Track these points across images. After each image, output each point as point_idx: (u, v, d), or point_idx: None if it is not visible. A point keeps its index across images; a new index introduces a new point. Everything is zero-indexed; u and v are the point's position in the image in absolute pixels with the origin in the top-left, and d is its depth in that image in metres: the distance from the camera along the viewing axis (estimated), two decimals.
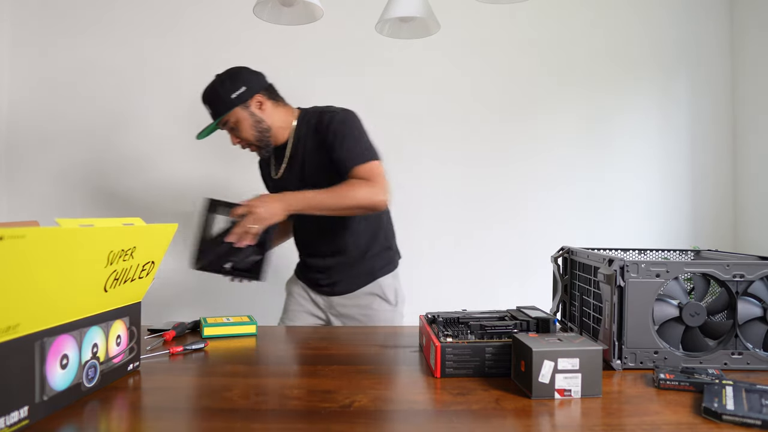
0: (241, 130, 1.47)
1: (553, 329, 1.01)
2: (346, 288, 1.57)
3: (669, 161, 2.38)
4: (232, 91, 1.44)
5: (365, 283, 1.57)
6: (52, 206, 2.32)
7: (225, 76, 1.47)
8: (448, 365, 0.95)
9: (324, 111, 1.49)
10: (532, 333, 0.98)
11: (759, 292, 1.00)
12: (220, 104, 1.44)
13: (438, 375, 0.95)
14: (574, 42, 2.36)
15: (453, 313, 1.13)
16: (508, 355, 0.94)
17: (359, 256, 1.56)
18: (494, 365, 0.95)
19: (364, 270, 1.57)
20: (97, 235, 0.79)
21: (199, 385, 0.92)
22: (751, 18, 2.27)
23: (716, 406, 0.75)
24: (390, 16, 1.51)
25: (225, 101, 1.44)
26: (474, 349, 0.95)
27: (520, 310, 1.12)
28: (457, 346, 0.95)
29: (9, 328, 0.69)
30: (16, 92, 2.32)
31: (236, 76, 1.46)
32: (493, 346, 0.95)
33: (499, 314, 1.13)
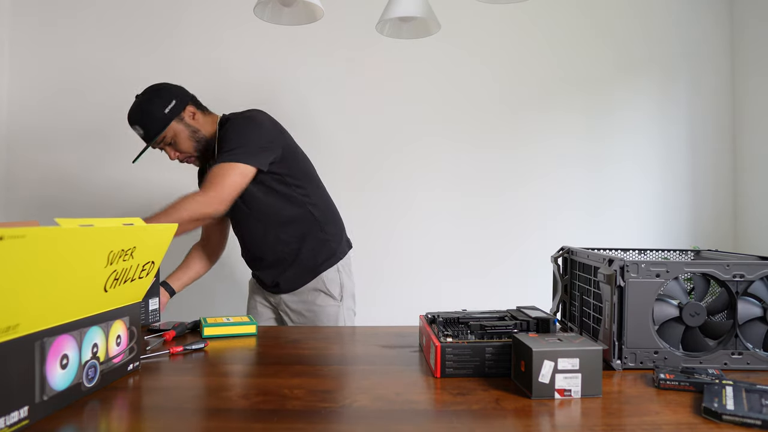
0: (180, 143, 1.47)
1: (553, 329, 1.01)
2: (290, 286, 1.58)
3: (669, 161, 2.38)
4: (163, 106, 1.42)
5: (309, 279, 1.56)
6: (52, 206, 2.32)
7: (151, 93, 1.46)
8: (448, 365, 0.95)
9: (230, 116, 1.51)
10: (532, 333, 0.98)
11: (759, 292, 1.00)
12: (154, 122, 1.42)
13: (438, 375, 0.95)
14: (574, 42, 2.36)
15: (453, 313, 1.13)
16: (509, 355, 0.94)
17: (294, 254, 1.55)
18: (494, 365, 0.95)
19: (305, 266, 1.56)
20: (97, 235, 0.79)
21: (199, 385, 0.92)
22: (751, 18, 2.27)
23: (716, 406, 0.75)
24: (390, 16, 1.51)
25: (159, 118, 1.42)
26: (474, 349, 0.95)
27: (521, 310, 1.12)
28: (457, 346, 0.95)
29: (9, 328, 0.69)
30: (16, 92, 2.32)
31: (163, 91, 1.45)
32: (493, 346, 0.95)
33: (499, 314, 1.13)
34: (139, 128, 1.43)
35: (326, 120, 2.30)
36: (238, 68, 2.31)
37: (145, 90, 1.47)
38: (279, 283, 1.57)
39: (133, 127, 1.44)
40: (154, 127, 1.42)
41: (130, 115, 1.44)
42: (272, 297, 1.63)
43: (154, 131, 1.42)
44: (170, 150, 1.48)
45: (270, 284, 1.60)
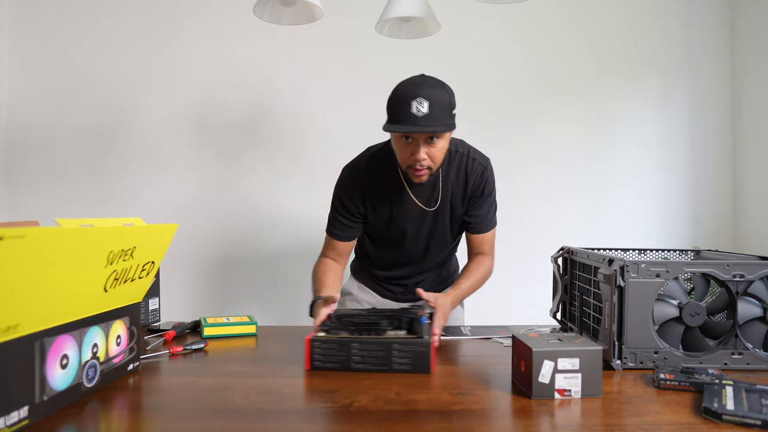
0: (439, 150, 1.24)
1: (420, 329, 1.04)
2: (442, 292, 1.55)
3: (669, 161, 2.38)
4: (455, 106, 1.26)
5: (443, 288, 1.53)
6: (52, 206, 2.32)
7: (449, 88, 1.26)
8: (316, 358, 1.00)
9: (471, 157, 1.37)
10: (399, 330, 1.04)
11: (759, 292, 1.00)
12: (448, 116, 1.21)
13: (307, 367, 1.00)
14: (573, 42, 2.36)
15: (355, 311, 1.18)
16: (375, 350, 0.99)
17: (444, 267, 1.55)
18: (361, 360, 0.99)
19: (444, 277, 1.56)
20: (97, 235, 0.79)
21: (199, 385, 0.92)
22: (751, 18, 2.27)
23: (716, 406, 0.75)
24: (390, 16, 1.51)
25: (451, 115, 1.24)
26: (340, 344, 1.00)
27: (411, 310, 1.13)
28: (325, 341, 1.00)
29: (9, 328, 0.69)
30: (16, 92, 2.32)
31: (453, 94, 1.27)
32: (360, 342, 0.99)
33: (391, 312, 1.16)
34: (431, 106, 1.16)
35: (326, 120, 2.30)
36: (238, 68, 2.31)
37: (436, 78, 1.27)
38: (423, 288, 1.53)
39: (420, 100, 1.15)
40: (444, 120, 1.20)
41: (426, 87, 1.18)
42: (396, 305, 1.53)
43: (442, 125, 1.19)
44: (423, 147, 1.20)
45: (404, 294, 1.53)
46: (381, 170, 1.35)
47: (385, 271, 1.51)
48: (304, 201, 2.30)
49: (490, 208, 1.40)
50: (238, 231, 2.33)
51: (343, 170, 1.40)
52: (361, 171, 1.36)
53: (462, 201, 1.37)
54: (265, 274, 2.34)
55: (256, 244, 2.34)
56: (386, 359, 0.98)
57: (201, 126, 2.33)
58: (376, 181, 1.35)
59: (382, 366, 0.98)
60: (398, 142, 1.24)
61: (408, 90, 1.18)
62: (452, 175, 1.35)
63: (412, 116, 1.15)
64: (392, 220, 1.37)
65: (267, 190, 2.33)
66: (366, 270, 1.56)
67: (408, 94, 1.17)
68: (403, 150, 1.23)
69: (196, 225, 2.32)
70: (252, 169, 2.34)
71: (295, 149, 2.32)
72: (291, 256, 2.31)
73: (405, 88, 1.19)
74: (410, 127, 1.16)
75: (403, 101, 1.17)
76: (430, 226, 1.38)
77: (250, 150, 2.34)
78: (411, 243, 1.41)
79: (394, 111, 1.20)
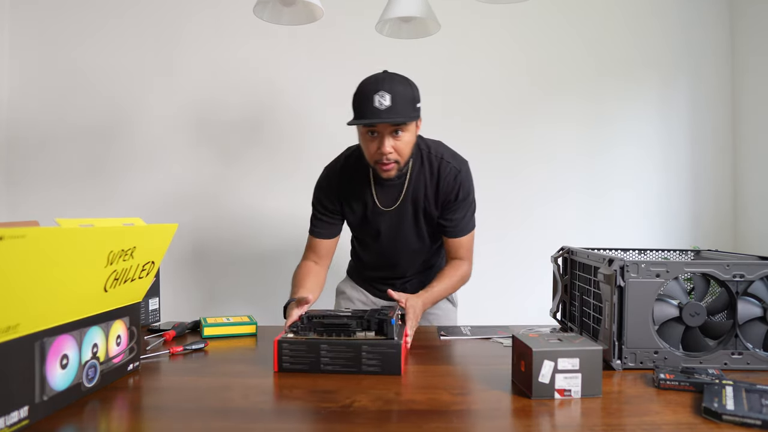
0: (405, 144, 1.25)
1: (389, 330, 1.01)
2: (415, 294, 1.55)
3: (669, 161, 2.38)
4: (418, 100, 1.27)
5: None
6: (52, 206, 2.32)
7: (412, 83, 1.27)
8: (284, 360, 0.99)
9: (445, 160, 1.37)
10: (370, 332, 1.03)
11: (759, 292, 1.00)
12: (411, 108, 1.23)
13: (276, 369, 0.98)
14: (573, 43, 2.36)
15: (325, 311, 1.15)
16: (344, 352, 0.98)
17: (432, 267, 1.56)
18: (330, 362, 0.98)
19: (434, 274, 1.54)
20: (97, 235, 0.79)
21: (199, 385, 0.92)
22: (751, 18, 2.27)
23: (716, 406, 0.75)
24: (390, 16, 1.51)
25: (415, 108, 1.25)
26: (309, 345, 0.98)
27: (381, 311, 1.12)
28: (293, 342, 0.99)
29: (9, 328, 0.69)
30: (16, 92, 2.32)
31: (417, 88, 1.28)
32: (329, 343, 0.98)
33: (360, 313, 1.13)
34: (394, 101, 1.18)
35: (326, 119, 2.30)
36: (238, 68, 2.31)
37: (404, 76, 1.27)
38: (407, 290, 1.51)
39: (382, 93, 1.17)
40: (406, 112, 1.21)
41: (388, 82, 1.20)
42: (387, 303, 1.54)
43: (404, 116, 1.20)
44: (388, 140, 1.22)
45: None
46: (354, 170, 1.37)
47: (373, 271, 1.55)
48: (304, 200, 2.27)
49: (467, 212, 1.39)
50: (239, 231, 2.34)
51: (322, 170, 1.43)
52: (337, 171, 1.39)
53: (435, 203, 1.37)
54: (265, 274, 2.34)
55: (257, 244, 2.34)
56: (355, 361, 0.98)
57: (201, 126, 2.33)
58: (350, 180, 1.37)
59: (352, 368, 0.97)
60: (364, 137, 1.26)
61: (370, 85, 1.21)
62: (425, 176, 1.36)
63: (375, 110, 1.18)
64: (366, 219, 1.40)
65: (267, 190, 2.33)
66: (358, 270, 1.60)
67: (370, 89, 1.20)
68: (369, 145, 1.25)
69: (197, 225, 2.32)
70: (252, 169, 2.34)
71: (296, 149, 2.32)
72: (291, 255, 2.30)
73: (367, 84, 1.22)
74: (373, 119, 1.18)
75: (366, 96, 1.20)
76: (398, 226, 1.39)
77: (250, 150, 2.34)
78: (386, 242, 1.43)
79: (357, 106, 1.23)
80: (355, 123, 1.22)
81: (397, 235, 1.41)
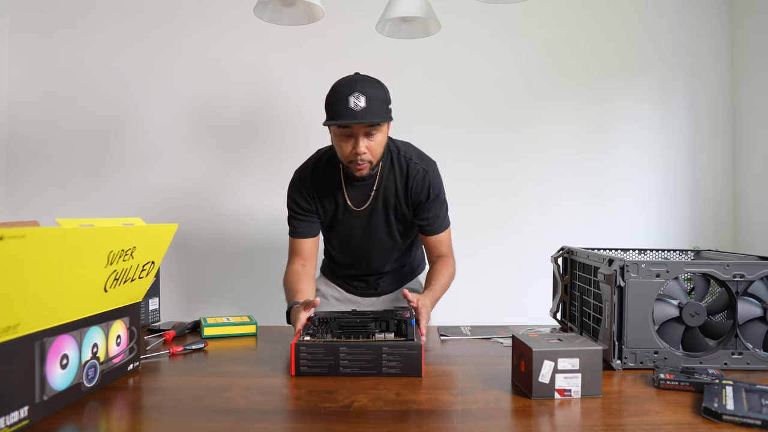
0: (378, 144, 1.29)
1: (410, 331, 1.00)
2: (388, 289, 1.59)
3: (669, 161, 2.38)
4: (390, 102, 1.30)
5: (405, 282, 1.60)
6: (52, 206, 2.32)
7: (383, 85, 1.31)
8: (302, 363, 0.96)
9: (413, 161, 1.40)
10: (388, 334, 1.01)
11: (759, 292, 1.00)
12: (384, 110, 1.26)
13: (293, 373, 0.96)
14: (573, 42, 2.36)
15: (334, 312, 1.15)
16: (363, 354, 0.96)
17: (404, 263, 1.59)
18: (349, 365, 0.96)
19: (405, 272, 1.60)
20: (97, 235, 0.79)
21: (199, 385, 0.92)
22: (750, 19, 2.27)
23: (716, 406, 0.75)
24: (390, 16, 1.51)
25: (388, 109, 1.28)
26: (328, 348, 0.96)
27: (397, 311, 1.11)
28: (311, 345, 0.96)
29: (9, 328, 0.69)
30: (16, 92, 2.32)
31: (388, 90, 1.32)
32: (348, 345, 0.96)
33: (375, 315, 1.13)
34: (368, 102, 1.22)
35: None
36: (238, 68, 2.31)
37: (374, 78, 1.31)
38: (380, 286, 1.58)
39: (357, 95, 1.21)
40: (379, 113, 1.24)
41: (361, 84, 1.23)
42: (361, 299, 1.59)
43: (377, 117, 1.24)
44: (362, 140, 1.25)
45: (368, 289, 1.59)
46: (326, 171, 1.39)
47: (346, 269, 1.57)
48: None
49: (440, 209, 1.42)
50: (239, 231, 2.34)
51: (294, 173, 1.45)
52: (309, 172, 1.41)
53: (407, 203, 1.39)
54: (265, 274, 2.34)
55: (257, 244, 2.34)
56: (376, 363, 0.96)
57: (201, 126, 2.33)
58: (321, 181, 1.39)
59: (372, 370, 0.96)
60: (338, 138, 1.28)
61: (344, 87, 1.23)
62: (394, 176, 1.38)
63: (351, 111, 1.20)
64: (336, 219, 1.42)
65: (267, 190, 2.33)
66: (331, 268, 1.62)
67: (344, 91, 1.22)
68: (343, 145, 1.27)
69: (197, 225, 2.32)
70: (252, 169, 2.34)
71: (296, 149, 2.30)
72: None
73: (341, 86, 1.24)
74: (350, 120, 1.21)
75: (340, 98, 1.22)
76: (369, 224, 1.41)
77: (250, 150, 2.34)
78: (357, 241, 1.44)
79: (332, 107, 1.24)
80: (332, 123, 1.24)
81: (368, 233, 1.43)
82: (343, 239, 1.46)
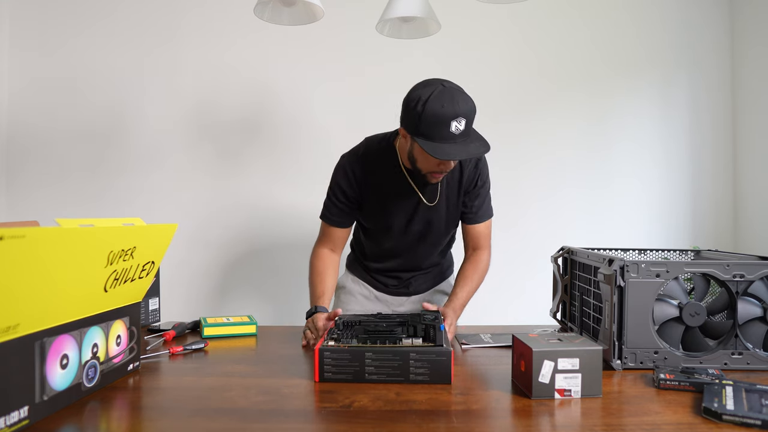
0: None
1: (439, 336, 0.96)
2: (418, 289, 1.56)
3: (669, 161, 2.38)
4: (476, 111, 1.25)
5: (437, 283, 1.58)
6: (52, 206, 2.32)
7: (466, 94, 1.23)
8: (326, 369, 0.92)
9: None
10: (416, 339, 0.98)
11: (759, 292, 1.00)
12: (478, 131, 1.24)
13: (317, 379, 0.93)
14: (575, 43, 2.36)
15: (359, 316, 1.12)
16: (390, 360, 0.92)
17: (438, 262, 1.57)
18: (375, 371, 0.92)
19: (437, 272, 1.59)
20: (97, 235, 0.79)
21: (199, 385, 0.92)
22: (750, 19, 2.27)
23: (716, 406, 0.75)
24: (390, 16, 1.51)
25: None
26: (353, 353, 0.92)
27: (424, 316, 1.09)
28: (336, 350, 0.92)
29: (9, 328, 0.69)
30: (16, 92, 2.32)
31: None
32: (374, 351, 0.92)
33: (401, 318, 1.11)
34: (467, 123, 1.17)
35: (326, 119, 2.30)
36: (238, 68, 2.31)
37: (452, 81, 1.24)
38: (410, 285, 1.55)
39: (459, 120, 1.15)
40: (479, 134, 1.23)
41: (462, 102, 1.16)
42: (389, 297, 1.56)
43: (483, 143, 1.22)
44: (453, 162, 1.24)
45: (397, 287, 1.55)
46: (379, 161, 1.35)
47: (378, 263, 1.52)
48: (304, 200, 2.29)
49: (485, 198, 1.42)
50: (239, 231, 2.34)
51: (341, 157, 1.40)
52: (359, 158, 1.37)
53: (458, 194, 1.38)
54: (265, 274, 2.34)
55: (256, 244, 2.34)
56: (403, 369, 0.91)
57: (201, 126, 2.33)
58: (372, 171, 1.35)
59: (399, 377, 0.91)
60: (425, 155, 1.21)
61: (447, 108, 1.13)
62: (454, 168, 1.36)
63: (452, 135, 1.14)
64: (385, 211, 1.38)
65: (267, 190, 2.33)
66: (360, 262, 1.57)
67: (448, 114, 1.13)
68: (430, 160, 1.21)
69: (196, 225, 2.32)
70: (252, 169, 2.34)
71: (296, 149, 2.32)
72: (291, 256, 2.32)
73: (442, 106, 1.14)
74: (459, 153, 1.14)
75: (443, 121, 1.13)
76: (427, 219, 1.39)
77: (250, 150, 2.34)
78: (403, 235, 1.41)
79: (430, 128, 1.14)
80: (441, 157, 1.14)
81: (427, 228, 1.39)
82: (387, 231, 1.41)
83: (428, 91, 1.16)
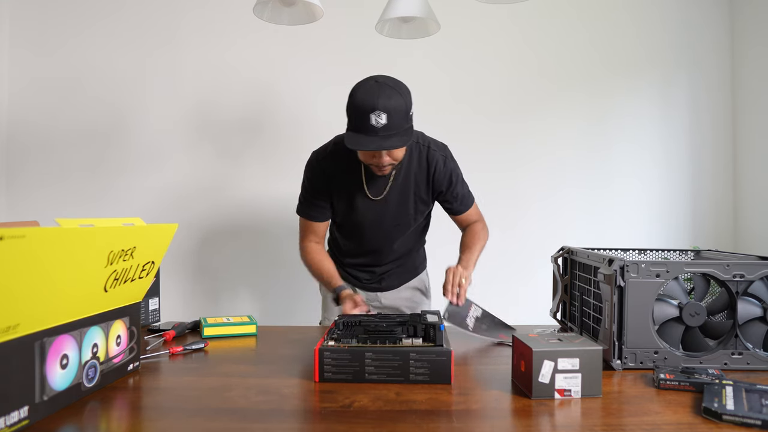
0: (400, 152, 1.28)
1: (438, 336, 0.96)
2: (391, 285, 1.60)
3: (669, 161, 2.38)
4: (411, 108, 1.25)
5: (409, 279, 1.62)
6: (52, 206, 2.32)
7: (404, 89, 1.23)
8: (326, 369, 0.92)
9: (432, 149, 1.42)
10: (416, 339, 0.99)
11: (759, 292, 1.00)
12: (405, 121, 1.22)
13: (317, 379, 0.93)
14: (575, 43, 2.36)
15: (358, 316, 1.13)
16: (390, 360, 0.92)
17: (410, 257, 1.61)
18: (375, 371, 0.92)
19: (410, 267, 1.62)
20: (97, 235, 0.79)
21: (199, 385, 0.92)
22: (750, 19, 2.27)
23: (716, 406, 0.75)
24: (390, 16, 1.51)
25: (408, 119, 1.24)
26: (353, 353, 0.92)
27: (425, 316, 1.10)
28: (336, 350, 0.92)
29: (9, 328, 0.69)
30: (16, 92, 2.32)
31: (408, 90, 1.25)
32: (374, 351, 0.92)
33: (401, 318, 1.12)
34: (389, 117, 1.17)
35: (326, 119, 2.30)
36: (238, 68, 2.31)
37: (392, 78, 1.24)
38: (383, 280, 1.59)
39: (378, 113, 1.16)
40: (402, 125, 1.20)
41: (384, 97, 1.17)
42: (364, 294, 1.61)
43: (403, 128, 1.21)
44: (384, 156, 1.24)
45: (372, 282, 1.60)
46: (343, 159, 1.38)
47: (352, 258, 1.57)
48: None
49: (463, 188, 1.48)
50: (238, 231, 2.34)
51: (311, 154, 1.44)
52: (327, 156, 1.41)
53: (427, 190, 1.42)
54: (265, 274, 2.34)
55: (256, 244, 2.34)
56: (403, 369, 0.92)
57: (201, 126, 2.33)
58: (338, 168, 1.39)
59: (399, 377, 0.91)
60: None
61: (366, 101, 1.18)
62: (414, 165, 1.40)
63: (372, 128, 1.18)
64: (352, 208, 1.42)
65: (267, 190, 2.33)
66: (335, 257, 1.60)
67: (366, 106, 1.18)
68: (364, 155, 1.28)
69: (196, 225, 2.32)
70: (252, 169, 2.34)
71: (295, 149, 2.31)
72: (291, 256, 2.31)
73: (362, 99, 1.19)
74: (370, 144, 1.18)
75: (362, 114, 1.18)
76: (388, 214, 1.42)
77: (250, 150, 2.34)
78: (372, 230, 1.46)
79: (353, 121, 1.22)
80: (354, 147, 1.20)
81: (384, 223, 1.44)
82: (357, 227, 1.47)
83: (359, 85, 1.24)
